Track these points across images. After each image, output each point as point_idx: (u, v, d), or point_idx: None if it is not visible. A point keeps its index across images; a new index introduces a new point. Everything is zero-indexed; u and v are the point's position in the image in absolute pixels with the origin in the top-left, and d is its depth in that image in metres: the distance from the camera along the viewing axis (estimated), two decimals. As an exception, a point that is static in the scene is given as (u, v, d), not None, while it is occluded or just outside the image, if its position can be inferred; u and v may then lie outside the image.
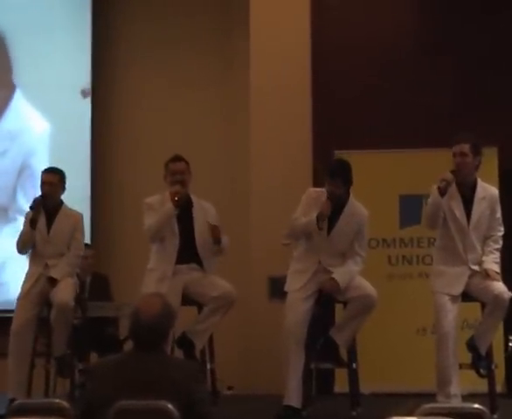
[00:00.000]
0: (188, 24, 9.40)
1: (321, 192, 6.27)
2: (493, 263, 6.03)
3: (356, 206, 6.28)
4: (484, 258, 6.03)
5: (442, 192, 5.90)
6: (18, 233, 6.88)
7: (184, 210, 6.35)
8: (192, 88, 9.34)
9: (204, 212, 6.48)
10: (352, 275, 6.17)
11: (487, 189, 6.16)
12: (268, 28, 8.48)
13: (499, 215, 6.14)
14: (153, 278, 6.27)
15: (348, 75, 8.51)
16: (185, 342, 6.28)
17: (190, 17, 9.41)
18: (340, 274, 6.13)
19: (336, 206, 6.15)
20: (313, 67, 8.48)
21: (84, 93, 9.23)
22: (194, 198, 6.52)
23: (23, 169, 9.30)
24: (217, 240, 6.31)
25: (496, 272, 5.99)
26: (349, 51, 8.55)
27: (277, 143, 8.21)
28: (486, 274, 5.96)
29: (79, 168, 9.18)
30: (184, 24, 9.40)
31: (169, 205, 6.26)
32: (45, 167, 7.18)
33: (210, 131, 9.31)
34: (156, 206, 6.35)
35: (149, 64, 9.43)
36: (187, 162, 6.48)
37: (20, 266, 7.19)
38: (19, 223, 7.31)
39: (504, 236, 7.18)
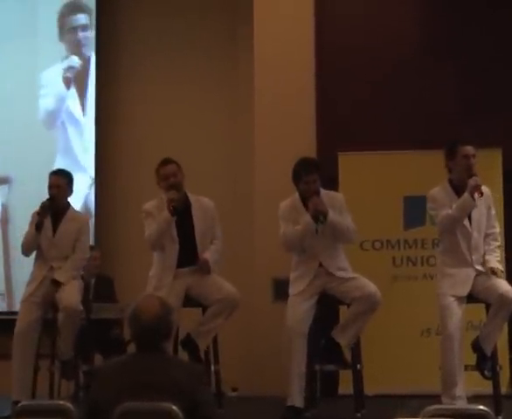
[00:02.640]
0: (191, 25, 9.39)
1: (293, 199, 6.30)
2: (496, 262, 6.07)
3: (330, 194, 6.32)
4: (487, 257, 6.07)
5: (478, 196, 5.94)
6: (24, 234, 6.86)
7: (183, 213, 6.33)
8: (196, 90, 9.34)
9: (203, 210, 6.45)
10: (343, 220, 6.16)
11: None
12: (272, 28, 8.48)
13: (494, 211, 6.18)
14: (151, 285, 6.27)
15: (352, 76, 8.51)
16: (190, 344, 6.28)
17: (194, 17, 9.41)
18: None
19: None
20: (317, 68, 8.48)
21: None
22: (191, 197, 6.48)
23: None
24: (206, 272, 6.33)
25: (501, 271, 6.05)
26: (353, 52, 8.54)
27: (281, 145, 8.21)
28: (492, 272, 5.97)
29: (83, 171, 9.25)
30: (188, 24, 9.40)
31: (166, 213, 6.23)
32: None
33: (213, 132, 9.30)
34: (155, 212, 6.32)
35: (153, 65, 9.42)
36: (177, 163, 6.41)
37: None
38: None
39: (509, 237, 7.19)
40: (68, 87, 9.34)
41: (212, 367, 6.37)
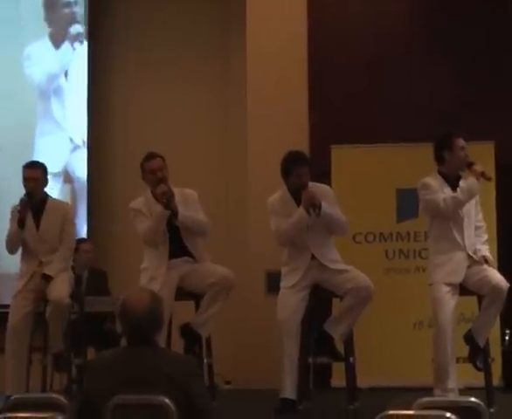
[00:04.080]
0: (183, 18, 9.39)
1: (281, 193, 6.26)
2: (487, 252, 6.17)
3: (318, 186, 6.26)
4: (479, 247, 6.15)
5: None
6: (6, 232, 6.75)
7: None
8: (187, 84, 9.35)
9: (185, 200, 6.40)
10: (335, 212, 6.13)
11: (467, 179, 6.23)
12: (265, 22, 8.49)
13: (479, 206, 6.27)
14: (146, 277, 6.25)
15: (344, 70, 8.51)
16: (188, 332, 6.25)
17: (186, 12, 9.40)
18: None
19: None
20: (309, 63, 8.49)
21: None
22: (175, 190, 6.46)
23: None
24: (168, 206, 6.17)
25: (492, 260, 6.18)
26: (345, 46, 8.55)
27: (274, 138, 8.21)
28: (484, 260, 6.06)
29: (76, 164, 9.25)
30: (180, 17, 9.39)
31: (160, 208, 6.18)
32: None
33: (205, 127, 9.31)
34: (144, 210, 6.28)
35: (144, 62, 9.43)
36: (162, 157, 6.37)
37: None
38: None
39: (502, 230, 7.21)
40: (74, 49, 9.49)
41: (205, 361, 6.35)
